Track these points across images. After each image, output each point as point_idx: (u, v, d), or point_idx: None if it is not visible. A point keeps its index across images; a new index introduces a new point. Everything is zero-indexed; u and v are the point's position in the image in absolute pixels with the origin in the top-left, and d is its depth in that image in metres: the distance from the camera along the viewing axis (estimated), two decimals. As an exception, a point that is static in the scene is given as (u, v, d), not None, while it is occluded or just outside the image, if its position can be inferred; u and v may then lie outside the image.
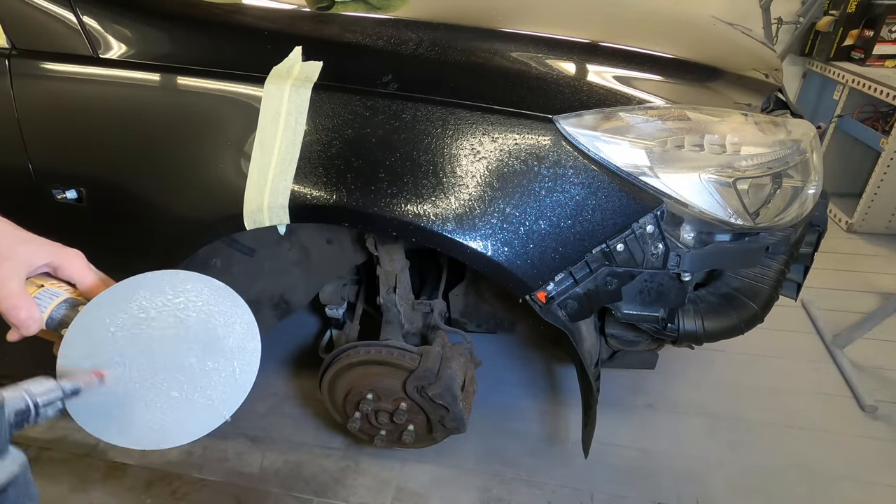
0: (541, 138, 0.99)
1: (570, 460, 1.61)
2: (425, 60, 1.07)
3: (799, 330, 2.12)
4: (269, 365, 1.96)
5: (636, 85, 1.07)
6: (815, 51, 3.05)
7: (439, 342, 1.40)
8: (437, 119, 1.00)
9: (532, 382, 1.89)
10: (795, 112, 1.33)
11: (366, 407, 1.40)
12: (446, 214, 1.00)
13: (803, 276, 1.42)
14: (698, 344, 1.28)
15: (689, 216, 1.02)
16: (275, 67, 1.03)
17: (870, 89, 2.57)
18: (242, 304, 0.57)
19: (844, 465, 1.59)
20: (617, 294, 1.09)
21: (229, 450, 1.64)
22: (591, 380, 1.19)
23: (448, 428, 1.42)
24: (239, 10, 1.17)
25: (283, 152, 1.01)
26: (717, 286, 1.31)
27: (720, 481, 1.55)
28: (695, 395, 1.82)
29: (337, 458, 1.63)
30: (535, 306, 1.07)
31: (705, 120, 1.03)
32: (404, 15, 1.19)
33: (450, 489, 1.54)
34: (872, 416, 1.74)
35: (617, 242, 1.02)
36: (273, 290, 1.46)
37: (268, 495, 1.53)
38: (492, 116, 1.00)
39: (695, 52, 1.23)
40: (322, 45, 1.07)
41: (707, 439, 1.67)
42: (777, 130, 1.07)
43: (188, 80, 1.06)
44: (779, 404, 1.79)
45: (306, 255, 1.41)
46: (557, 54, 1.11)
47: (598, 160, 0.99)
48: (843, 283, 2.42)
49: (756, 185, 1.01)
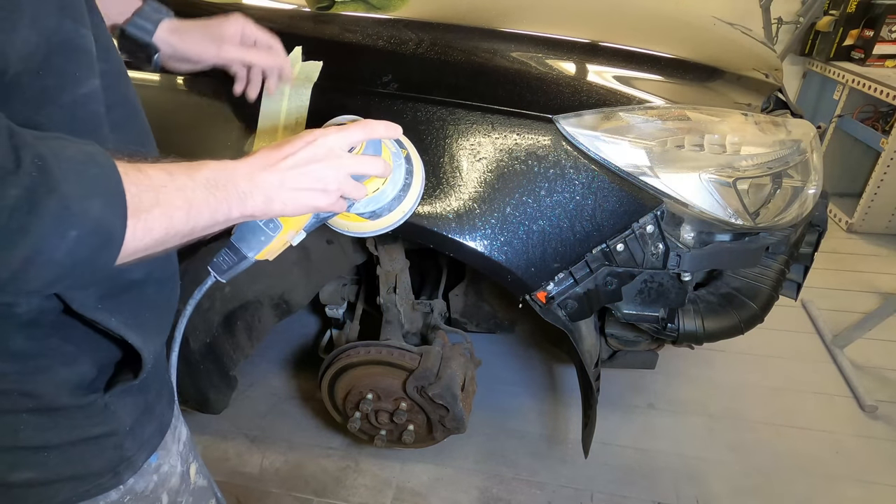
0: (541, 138, 0.99)
1: (570, 460, 1.61)
2: (425, 60, 1.07)
3: (799, 330, 2.12)
4: (270, 365, 1.96)
5: (636, 85, 1.07)
6: (815, 51, 3.05)
7: (439, 342, 1.40)
8: (437, 119, 1.01)
9: (532, 382, 1.89)
10: (795, 112, 1.33)
11: (366, 407, 1.40)
12: (446, 214, 1.00)
13: (803, 276, 1.42)
14: (698, 344, 1.28)
15: (689, 216, 1.02)
16: (275, 67, 1.03)
17: (870, 89, 2.57)
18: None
19: (844, 465, 1.59)
20: (617, 294, 1.09)
21: (229, 450, 1.64)
22: (591, 380, 1.19)
23: (448, 428, 1.42)
24: (239, 10, 1.17)
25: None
26: (717, 286, 1.31)
27: (720, 481, 1.55)
28: (695, 395, 1.82)
29: (337, 458, 1.63)
30: (535, 306, 1.07)
31: (705, 120, 1.03)
32: (404, 15, 1.19)
33: (450, 489, 1.54)
34: (872, 416, 1.74)
35: (617, 242, 1.02)
36: (273, 290, 1.46)
37: (268, 495, 1.53)
38: (492, 116, 1.00)
39: (695, 52, 1.22)
40: (322, 45, 1.07)
41: (707, 439, 1.67)
42: (777, 130, 1.07)
43: (187, 80, 1.06)
44: (779, 404, 1.79)
45: (306, 255, 1.41)
46: (557, 54, 1.11)
47: (598, 160, 0.99)
48: (843, 283, 2.41)
49: (756, 185, 1.01)
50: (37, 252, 0.37)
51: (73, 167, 0.39)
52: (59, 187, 0.37)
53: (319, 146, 0.58)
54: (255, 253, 0.64)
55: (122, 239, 0.42)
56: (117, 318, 0.53)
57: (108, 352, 0.57)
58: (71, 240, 0.38)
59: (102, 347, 0.56)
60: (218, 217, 0.50)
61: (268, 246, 0.64)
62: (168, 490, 0.67)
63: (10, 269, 0.37)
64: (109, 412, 0.57)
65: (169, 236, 0.46)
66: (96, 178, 0.40)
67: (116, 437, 0.58)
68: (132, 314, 0.55)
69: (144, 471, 0.62)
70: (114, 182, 0.41)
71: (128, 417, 0.59)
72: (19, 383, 0.51)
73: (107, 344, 0.56)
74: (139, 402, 0.61)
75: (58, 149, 0.39)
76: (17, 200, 0.35)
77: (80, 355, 0.55)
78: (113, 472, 0.58)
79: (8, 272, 0.37)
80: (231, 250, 0.64)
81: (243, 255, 0.64)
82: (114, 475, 0.59)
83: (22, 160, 0.36)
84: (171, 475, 0.68)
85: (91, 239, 0.40)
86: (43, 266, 0.38)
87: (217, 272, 0.65)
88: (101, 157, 0.42)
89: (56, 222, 0.37)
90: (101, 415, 0.57)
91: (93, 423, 0.56)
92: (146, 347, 0.56)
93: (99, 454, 0.57)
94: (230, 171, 0.52)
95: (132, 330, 0.55)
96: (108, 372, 0.58)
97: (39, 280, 0.39)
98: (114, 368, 0.59)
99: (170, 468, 0.67)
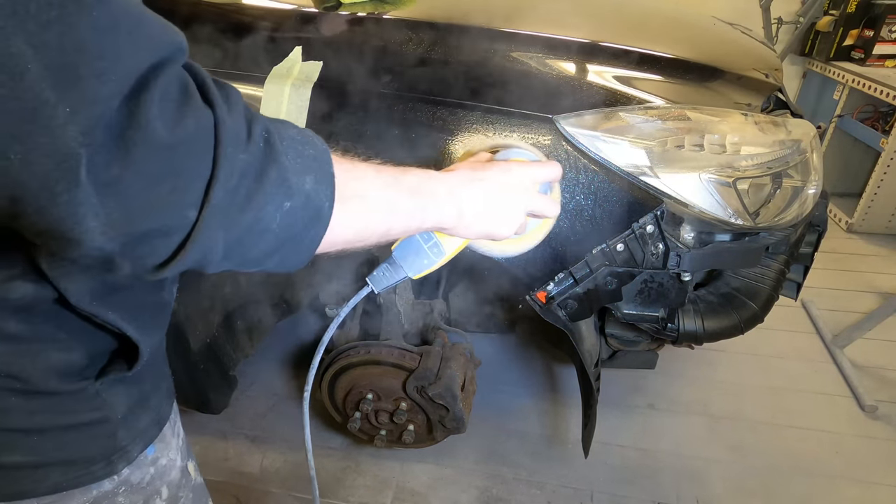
0: (541, 138, 0.99)
1: (570, 460, 1.61)
2: (425, 60, 1.07)
3: (799, 330, 2.12)
4: (270, 365, 1.96)
5: (636, 85, 1.07)
6: (815, 51, 3.05)
7: (439, 342, 1.40)
8: (437, 119, 1.00)
9: (532, 382, 1.89)
10: (795, 112, 1.33)
11: (366, 407, 1.40)
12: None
13: (803, 276, 1.42)
14: (698, 344, 1.28)
15: (689, 216, 1.02)
16: (275, 67, 1.03)
17: (870, 89, 2.57)
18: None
19: (844, 465, 1.59)
20: (617, 294, 1.09)
21: (229, 450, 1.64)
22: (591, 380, 1.19)
23: (448, 428, 1.42)
24: (239, 10, 1.17)
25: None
26: (717, 286, 1.31)
27: (720, 481, 1.55)
28: (695, 395, 1.82)
29: (337, 458, 1.63)
30: (535, 306, 1.07)
31: (705, 120, 1.03)
32: (406, 15, 1.19)
33: (450, 489, 1.54)
34: (872, 415, 1.74)
35: (617, 242, 1.02)
36: (273, 290, 1.46)
37: (268, 495, 1.53)
38: (492, 116, 1.00)
39: (695, 52, 1.23)
40: (324, 45, 1.07)
41: (707, 439, 1.67)
42: (777, 130, 1.07)
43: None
44: (779, 404, 1.79)
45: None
46: (557, 54, 1.11)
47: (598, 160, 0.99)
48: (843, 283, 2.41)
49: (756, 184, 1.01)
50: (258, 218, 0.40)
51: (293, 145, 0.42)
52: (279, 159, 0.40)
53: (515, 176, 0.61)
54: (414, 273, 0.66)
55: (328, 218, 0.44)
56: (114, 313, 0.54)
57: (104, 342, 0.57)
58: (286, 210, 0.41)
59: (98, 338, 0.56)
60: (413, 222, 0.53)
61: (428, 269, 0.66)
62: (168, 483, 0.67)
63: (236, 234, 0.39)
64: (101, 400, 0.57)
65: (367, 231, 0.49)
66: (312, 157, 0.43)
67: (109, 424, 0.58)
68: (127, 311, 0.55)
69: (140, 462, 0.63)
70: (326, 164, 0.45)
71: (120, 406, 0.59)
72: (6, 365, 0.51)
73: (102, 335, 0.56)
74: (133, 392, 0.61)
75: (281, 127, 0.43)
76: (247, 165, 0.38)
77: (73, 343, 0.55)
78: (106, 461, 0.59)
79: (234, 237, 0.39)
80: (392, 266, 0.66)
81: (403, 273, 0.66)
82: (107, 464, 0.59)
83: (252, 132, 0.39)
84: (171, 469, 0.68)
85: (302, 213, 0.42)
86: (261, 234, 0.41)
87: (374, 283, 0.67)
88: (317, 140, 0.45)
89: (275, 191, 0.40)
90: (93, 402, 0.57)
91: (84, 410, 0.56)
92: (143, 340, 0.57)
93: (91, 441, 0.57)
94: (434, 181, 0.55)
95: (129, 324, 0.55)
96: (101, 361, 0.58)
97: (258, 248, 0.42)
98: (108, 357, 0.59)
99: (168, 462, 0.67)
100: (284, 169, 0.41)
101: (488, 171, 0.60)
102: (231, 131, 0.38)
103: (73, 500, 0.58)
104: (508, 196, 0.60)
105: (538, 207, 0.64)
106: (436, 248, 0.65)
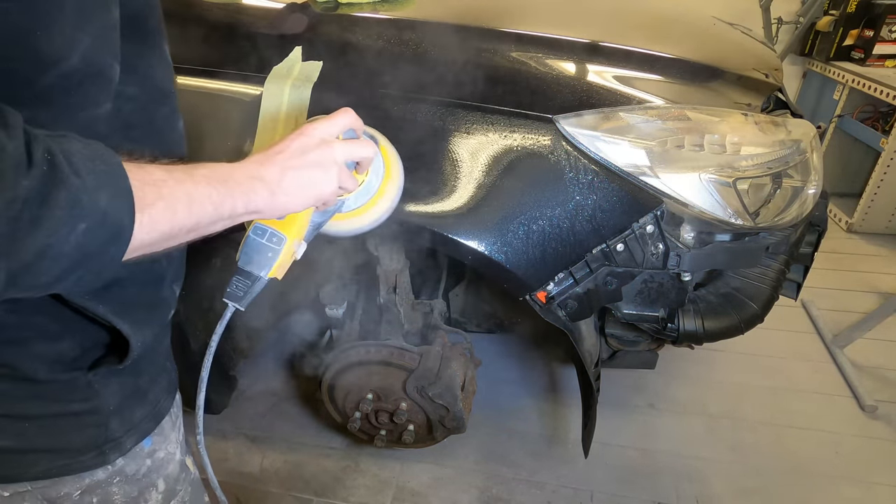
0: (541, 138, 0.99)
1: (570, 460, 1.61)
2: (425, 60, 1.07)
3: (799, 330, 2.12)
4: (270, 365, 1.96)
5: (636, 85, 1.07)
6: (815, 51, 3.05)
7: (439, 342, 1.40)
8: (437, 119, 1.00)
9: (532, 382, 1.89)
10: (795, 112, 1.33)
11: (366, 407, 1.40)
12: (446, 214, 1.00)
13: (803, 276, 1.42)
14: (698, 344, 1.28)
15: (689, 216, 1.02)
16: (275, 67, 1.03)
17: (870, 89, 2.57)
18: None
19: (844, 465, 1.59)
20: (617, 294, 1.09)
21: (229, 450, 1.64)
22: (591, 380, 1.19)
23: (448, 428, 1.42)
24: (239, 10, 1.17)
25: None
26: (717, 286, 1.31)
27: (720, 481, 1.55)
28: (695, 395, 1.82)
29: (337, 458, 1.63)
30: (535, 306, 1.07)
31: (705, 120, 1.03)
32: (406, 15, 1.19)
33: (450, 489, 1.54)
34: (872, 416, 1.74)
35: (617, 242, 1.02)
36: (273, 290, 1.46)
37: (268, 495, 1.53)
38: (492, 116, 1.00)
39: (695, 52, 1.23)
40: (324, 45, 1.07)
41: (707, 439, 1.67)
42: (777, 130, 1.07)
43: (187, 80, 1.06)
44: (779, 404, 1.79)
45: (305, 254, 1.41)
46: (557, 54, 1.11)
47: (598, 160, 0.99)
48: (843, 283, 2.41)
49: (756, 185, 1.01)
50: (48, 245, 0.38)
51: (82, 162, 0.40)
52: (68, 180, 0.38)
53: (310, 136, 0.60)
54: (266, 271, 0.64)
55: (130, 232, 0.42)
56: (105, 307, 0.54)
57: (96, 334, 0.58)
58: (80, 232, 0.39)
59: (90, 330, 0.57)
60: (223, 212, 0.51)
61: (277, 261, 0.64)
62: (165, 476, 0.67)
63: (23, 261, 0.37)
64: (93, 391, 0.58)
65: (174, 230, 0.47)
66: (103, 173, 0.41)
67: (99, 415, 0.59)
68: (119, 305, 0.56)
69: (136, 454, 0.63)
70: (120, 177, 0.42)
71: (113, 398, 0.59)
72: None
73: (95, 328, 0.57)
74: (127, 385, 0.61)
75: (66, 144, 0.40)
76: (30, 192, 0.36)
77: (64, 334, 0.55)
78: (97, 451, 0.59)
79: (20, 264, 0.37)
80: (242, 275, 0.64)
81: (256, 277, 0.64)
82: (98, 454, 0.59)
83: (33, 154, 0.37)
84: (168, 462, 0.68)
85: (100, 231, 0.40)
86: (54, 259, 0.39)
87: (233, 301, 0.65)
88: (106, 153, 0.43)
89: (66, 214, 0.38)
90: (84, 392, 0.57)
91: (74, 400, 0.57)
92: (134, 335, 0.57)
93: (79, 430, 0.58)
94: (227, 169, 0.53)
95: (121, 318, 0.55)
96: (95, 352, 0.59)
97: (50, 273, 0.40)
98: (103, 349, 0.59)
99: (167, 455, 0.67)
100: (74, 189, 0.38)
101: (283, 142, 0.58)
102: (11, 157, 0.35)
103: (65, 487, 0.59)
104: (312, 155, 0.59)
105: (349, 152, 0.63)
106: (274, 237, 0.64)
